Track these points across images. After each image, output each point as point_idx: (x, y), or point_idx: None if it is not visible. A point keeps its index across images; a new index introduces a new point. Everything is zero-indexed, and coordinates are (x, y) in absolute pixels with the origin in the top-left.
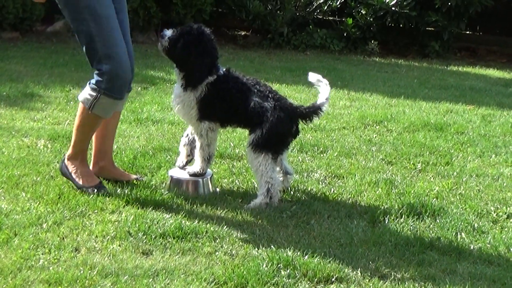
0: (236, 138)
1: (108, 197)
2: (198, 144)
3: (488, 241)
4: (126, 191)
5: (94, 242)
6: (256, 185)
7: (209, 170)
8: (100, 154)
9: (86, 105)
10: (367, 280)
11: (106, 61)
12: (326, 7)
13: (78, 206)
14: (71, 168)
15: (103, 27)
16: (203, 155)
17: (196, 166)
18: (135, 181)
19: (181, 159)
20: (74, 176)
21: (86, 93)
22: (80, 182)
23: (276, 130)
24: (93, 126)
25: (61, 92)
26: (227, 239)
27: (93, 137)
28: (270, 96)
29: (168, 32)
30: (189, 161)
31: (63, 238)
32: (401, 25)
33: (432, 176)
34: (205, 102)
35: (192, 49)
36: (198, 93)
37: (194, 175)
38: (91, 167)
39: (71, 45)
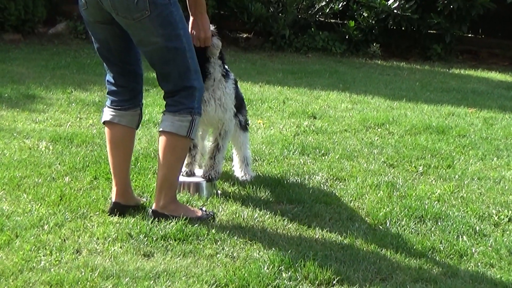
0: None
1: (110, 199)
2: (223, 147)
3: (489, 244)
4: None
5: (95, 244)
6: (255, 188)
7: None
8: (127, 182)
9: (182, 133)
10: (368, 283)
11: (196, 76)
12: (328, 10)
13: (79, 208)
14: (178, 212)
15: (190, 41)
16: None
17: (218, 170)
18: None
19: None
20: (190, 214)
21: (176, 121)
22: (199, 214)
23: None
24: (186, 154)
25: (63, 94)
26: (228, 242)
27: (119, 166)
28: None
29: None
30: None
31: (65, 240)
32: (403, 28)
33: (434, 179)
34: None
35: None
36: (233, 81)
37: (211, 179)
38: (115, 198)
39: (73, 47)
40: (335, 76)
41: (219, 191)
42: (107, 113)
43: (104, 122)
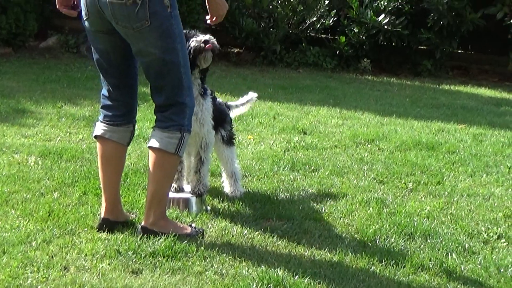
0: None
1: (99, 215)
2: (206, 159)
3: (478, 262)
4: None
5: (83, 260)
6: (244, 204)
7: None
8: (117, 198)
9: (171, 150)
10: None
11: (189, 93)
12: (319, 25)
13: (68, 224)
14: (167, 229)
15: (186, 57)
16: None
17: (205, 183)
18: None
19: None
20: (179, 230)
21: (165, 137)
22: (189, 230)
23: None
24: (175, 171)
25: (53, 108)
26: (217, 259)
27: (109, 182)
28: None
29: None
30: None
31: (52, 257)
32: (393, 44)
33: (423, 196)
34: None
35: None
36: (210, 97)
37: (200, 194)
38: (104, 214)
39: (63, 61)
40: (326, 91)
41: (208, 207)
42: (99, 128)
43: (96, 137)
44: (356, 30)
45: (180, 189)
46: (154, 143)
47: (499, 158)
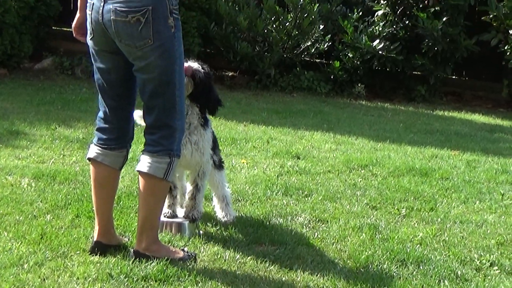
0: None
1: (91, 237)
2: (202, 187)
3: None
4: None
5: (75, 284)
6: (237, 229)
7: None
8: (110, 221)
9: (159, 175)
10: None
11: (180, 117)
12: (313, 50)
13: (60, 247)
14: (160, 253)
15: (183, 80)
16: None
17: (199, 209)
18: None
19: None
20: (172, 255)
21: (154, 162)
22: (181, 255)
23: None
24: (166, 195)
25: (47, 130)
26: (210, 283)
27: (102, 206)
28: None
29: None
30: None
31: (44, 280)
32: (387, 69)
33: (416, 222)
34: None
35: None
36: (211, 129)
37: (194, 219)
38: (97, 237)
39: (58, 82)
40: (320, 116)
41: (201, 232)
42: (93, 150)
43: (89, 159)
44: (350, 55)
45: (173, 215)
46: (143, 167)
47: (492, 185)
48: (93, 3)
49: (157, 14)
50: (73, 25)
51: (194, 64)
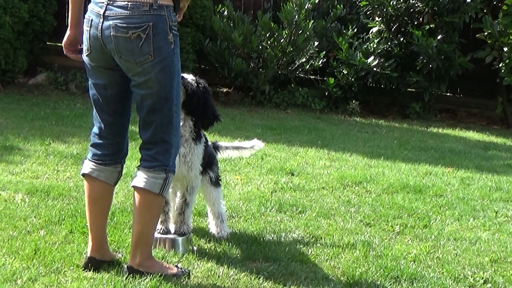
0: None
1: (85, 253)
2: (191, 202)
3: None
4: None
5: None
6: (230, 245)
7: None
8: (104, 237)
9: (155, 190)
10: None
11: (176, 133)
12: (308, 66)
13: (54, 263)
14: (154, 269)
15: (179, 96)
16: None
17: (189, 224)
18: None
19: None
20: (165, 271)
21: (150, 178)
22: (175, 271)
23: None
24: (161, 211)
25: (41, 145)
26: None
27: (96, 221)
28: None
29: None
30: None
31: None
32: (382, 86)
33: (410, 239)
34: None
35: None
36: (203, 144)
37: (184, 234)
38: (91, 253)
39: (52, 98)
40: (314, 132)
41: (195, 248)
42: (87, 166)
43: (83, 175)
44: (345, 71)
45: (166, 231)
46: (139, 183)
47: (486, 202)
48: (91, 19)
49: (158, 30)
50: (63, 42)
51: (188, 76)
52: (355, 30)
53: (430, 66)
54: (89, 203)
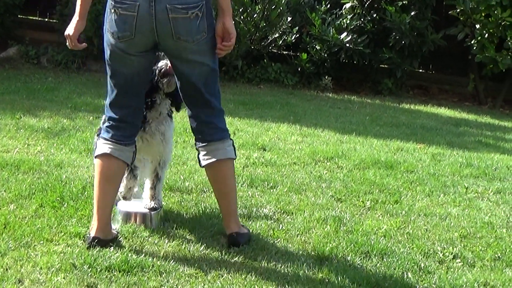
0: (186, 171)
1: (55, 228)
2: (162, 177)
3: (433, 282)
4: (73, 222)
5: (38, 274)
6: (202, 220)
7: None
8: (109, 217)
9: (234, 156)
10: None
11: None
12: (281, 42)
13: (23, 237)
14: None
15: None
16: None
17: (160, 199)
18: None
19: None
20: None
21: (227, 147)
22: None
23: None
24: None
25: (12, 119)
26: (174, 274)
27: (106, 201)
28: None
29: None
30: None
31: (7, 269)
32: (355, 62)
33: (381, 215)
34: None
35: None
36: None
37: (155, 209)
38: (96, 233)
39: (23, 71)
40: (286, 108)
41: (166, 223)
42: (106, 147)
43: (100, 155)
44: (318, 47)
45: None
46: (224, 155)
47: (457, 178)
48: (138, 4)
49: (208, 8)
50: (71, 33)
51: (163, 61)
52: (328, 5)
53: (403, 42)
54: (102, 183)
